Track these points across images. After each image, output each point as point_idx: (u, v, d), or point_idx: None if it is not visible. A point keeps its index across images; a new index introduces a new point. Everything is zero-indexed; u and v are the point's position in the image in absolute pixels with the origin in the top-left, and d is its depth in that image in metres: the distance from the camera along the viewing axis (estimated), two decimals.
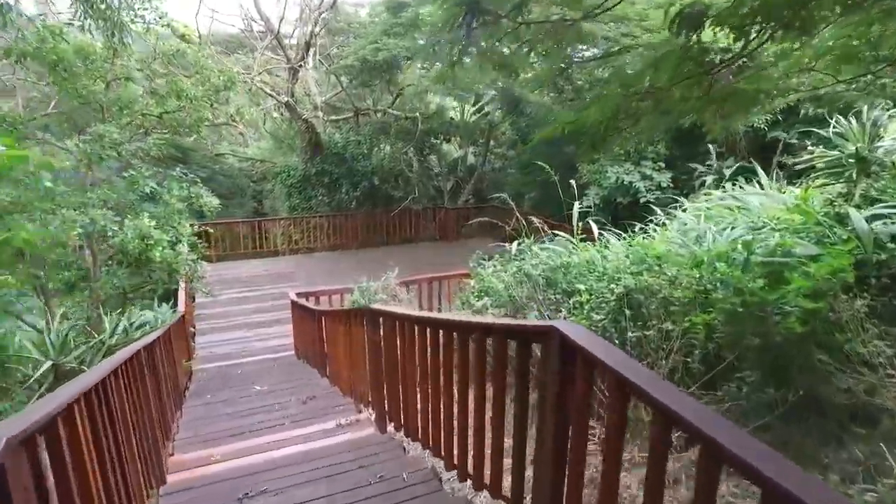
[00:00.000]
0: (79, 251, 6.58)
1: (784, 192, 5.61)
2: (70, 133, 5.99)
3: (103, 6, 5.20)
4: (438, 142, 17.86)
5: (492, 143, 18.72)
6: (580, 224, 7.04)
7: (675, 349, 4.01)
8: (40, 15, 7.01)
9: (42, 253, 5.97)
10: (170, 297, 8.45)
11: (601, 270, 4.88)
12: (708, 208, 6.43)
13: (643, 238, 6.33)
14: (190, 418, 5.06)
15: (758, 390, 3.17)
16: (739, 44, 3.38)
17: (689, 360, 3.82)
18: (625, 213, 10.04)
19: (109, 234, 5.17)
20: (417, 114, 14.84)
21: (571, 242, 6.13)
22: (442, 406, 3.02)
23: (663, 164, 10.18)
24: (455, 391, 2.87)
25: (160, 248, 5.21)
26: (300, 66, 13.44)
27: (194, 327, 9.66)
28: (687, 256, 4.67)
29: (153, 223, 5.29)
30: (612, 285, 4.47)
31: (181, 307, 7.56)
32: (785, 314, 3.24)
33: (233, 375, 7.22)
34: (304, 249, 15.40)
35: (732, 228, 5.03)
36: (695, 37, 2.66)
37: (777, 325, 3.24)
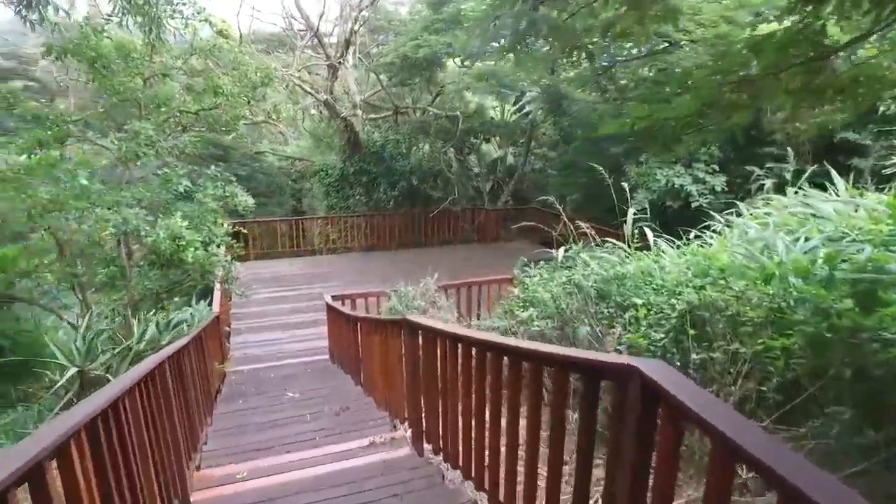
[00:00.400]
0: (118, 247, 6.52)
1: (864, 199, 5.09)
2: (111, 130, 5.92)
3: (141, 1, 5.09)
4: (478, 141, 17.53)
5: (532, 143, 18.27)
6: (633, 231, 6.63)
7: (745, 374, 3.61)
8: (86, 16, 6.99)
9: (84, 249, 5.91)
10: (208, 293, 8.38)
11: (659, 283, 4.49)
12: (768, 213, 5.94)
13: (699, 246, 5.89)
14: (220, 428, 4.88)
15: (852, 430, 2.75)
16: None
17: (762, 388, 3.42)
18: (675, 217, 9.53)
19: (142, 233, 5.04)
20: (458, 112, 14.53)
21: (624, 250, 5.73)
22: (487, 435, 2.71)
23: (717, 167, 9.60)
24: (503, 420, 2.55)
25: (192, 249, 5.05)
26: (340, 62, 13.31)
27: (229, 326, 9.60)
28: (755, 269, 4.24)
29: (185, 223, 5.14)
30: (673, 300, 4.09)
31: (216, 307, 7.45)
32: (886, 343, 2.80)
33: (266, 379, 7.07)
34: (341, 249, 15.29)
35: (806, 239, 4.57)
36: (813, 13, 2.26)
37: (876, 355, 2.81)
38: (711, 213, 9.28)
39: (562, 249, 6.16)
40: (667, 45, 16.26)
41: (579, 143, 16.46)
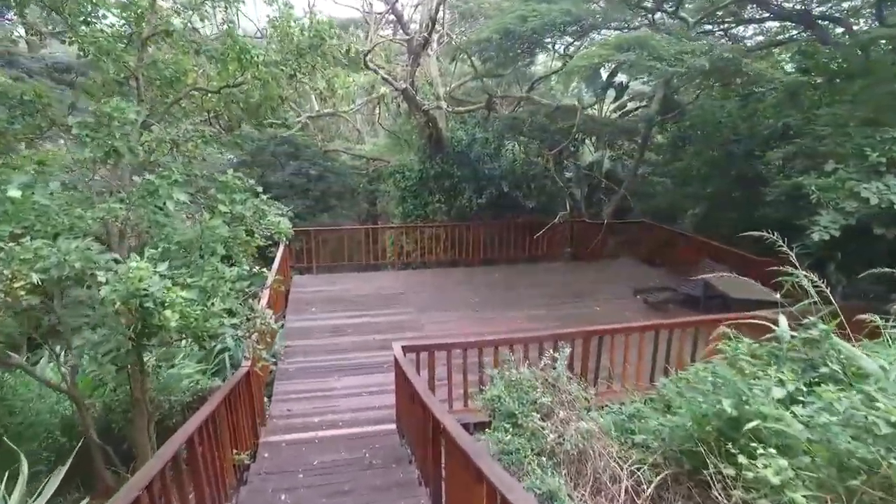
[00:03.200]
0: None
1: None
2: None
3: None
4: (579, 141, 14.90)
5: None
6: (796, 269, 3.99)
7: None
8: None
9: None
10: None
11: None
12: None
13: None
14: None
15: None
16: None
17: None
18: (888, 253, 6.71)
19: (99, 279, 3.04)
20: (577, 101, 12.03)
21: None
22: None
23: None
24: None
25: (177, 307, 3.01)
26: (422, 42, 11.13)
27: (275, 365, 7.71)
28: None
29: (162, 267, 3.10)
30: None
31: (245, 365, 5.48)
32: None
33: (307, 469, 4.97)
34: (416, 264, 13.20)
35: None
36: None
37: None
38: None
39: (783, 319, 3.67)
40: (797, 31, 13.09)
41: (701, 148, 13.52)
